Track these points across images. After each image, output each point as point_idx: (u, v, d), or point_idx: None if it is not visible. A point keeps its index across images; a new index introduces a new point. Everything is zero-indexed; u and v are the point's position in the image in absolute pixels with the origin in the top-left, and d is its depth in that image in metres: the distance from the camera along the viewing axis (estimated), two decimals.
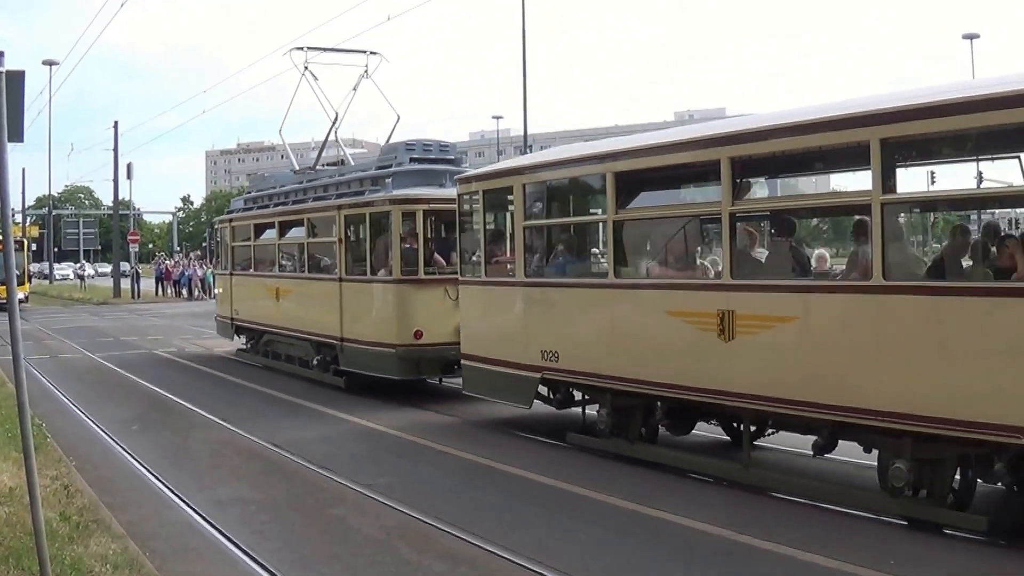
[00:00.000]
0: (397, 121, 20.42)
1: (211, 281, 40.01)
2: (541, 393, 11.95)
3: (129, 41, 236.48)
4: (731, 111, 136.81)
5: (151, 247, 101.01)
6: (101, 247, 67.61)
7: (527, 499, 9.31)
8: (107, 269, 71.97)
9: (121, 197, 53.84)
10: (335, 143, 20.92)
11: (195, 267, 50.88)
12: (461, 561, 7.33)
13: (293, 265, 19.11)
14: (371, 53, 19.60)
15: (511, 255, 12.31)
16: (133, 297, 47.32)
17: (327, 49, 19.94)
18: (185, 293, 49.32)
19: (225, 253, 22.77)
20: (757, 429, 9.87)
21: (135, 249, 51.70)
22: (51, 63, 45.42)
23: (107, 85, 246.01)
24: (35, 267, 61.80)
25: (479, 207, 12.98)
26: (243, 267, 21.66)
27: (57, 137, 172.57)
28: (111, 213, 59.48)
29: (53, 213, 69.63)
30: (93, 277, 63.65)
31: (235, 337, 21.91)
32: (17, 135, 6.35)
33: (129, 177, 51.23)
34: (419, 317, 14.97)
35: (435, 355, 14.84)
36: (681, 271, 10.05)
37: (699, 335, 9.28)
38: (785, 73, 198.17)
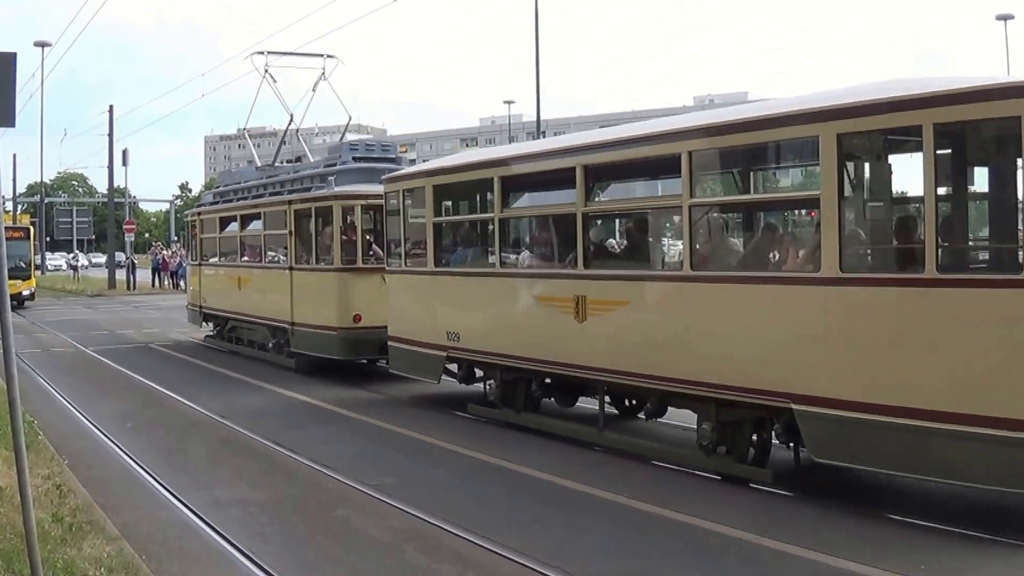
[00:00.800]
0: (348, 122, 22.09)
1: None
2: (451, 370, 13.48)
3: (121, 17, 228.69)
4: (754, 95, 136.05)
5: (147, 236, 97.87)
6: (95, 236, 65.97)
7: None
8: (102, 259, 69.62)
9: (116, 184, 52.26)
10: (298, 140, 22.51)
11: None
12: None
13: (252, 256, 20.64)
14: (328, 56, 21.11)
15: (424, 248, 13.82)
16: (129, 288, 45.86)
17: (286, 53, 21.50)
18: (183, 284, 45.85)
19: (195, 245, 24.34)
20: (638, 403, 11.35)
21: (131, 239, 49.91)
22: (43, 44, 44.46)
23: (101, 67, 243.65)
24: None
25: (400, 205, 14.48)
26: (210, 258, 23.22)
27: (49, 122, 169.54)
28: (106, 201, 58.19)
29: (45, 201, 65.98)
30: (87, 268, 61.80)
31: (203, 324, 23.48)
32: (8, 119, 6.15)
33: (125, 163, 50.19)
34: (358, 303, 16.48)
35: (373, 337, 16.27)
36: (549, 262, 11.57)
37: (561, 317, 10.81)
38: (810, 54, 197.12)
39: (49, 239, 68.93)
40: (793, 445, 8.91)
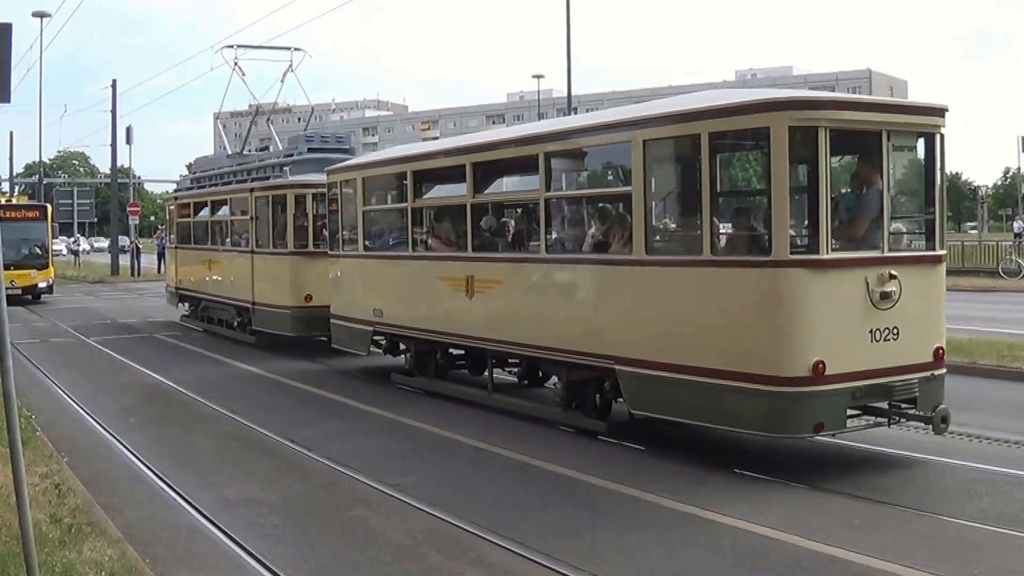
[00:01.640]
0: (311, 113, 23.75)
1: None
2: (380, 343, 15.17)
3: None
4: (799, 70, 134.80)
5: (153, 219, 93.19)
6: (97, 219, 62.51)
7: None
8: (104, 244, 68.32)
9: (120, 164, 50.12)
10: (268, 127, 24.28)
11: None
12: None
13: (220, 240, 22.38)
14: (295, 49, 22.74)
15: (356, 234, 15.49)
16: (133, 275, 43.91)
17: (254, 47, 23.15)
18: None
19: (172, 229, 26.12)
20: (543, 373, 12.96)
21: (135, 222, 48.42)
22: (42, 15, 42.20)
23: (102, 40, 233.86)
24: None
25: (339, 194, 16.14)
26: (184, 241, 25.00)
27: (48, 97, 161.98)
28: (108, 182, 54.77)
29: (44, 182, 60.12)
30: (88, 253, 59.97)
31: (179, 305, 25.28)
32: (3, 95, 5.92)
33: (128, 142, 48.06)
34: (309, 284, 18.17)
35: (322, 315, 17.80)
36: (449, 247, 13.23)
37: (456, 295, 12.49)
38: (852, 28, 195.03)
39: None
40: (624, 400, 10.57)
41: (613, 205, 10.54)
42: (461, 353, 13.71)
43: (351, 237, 15.79)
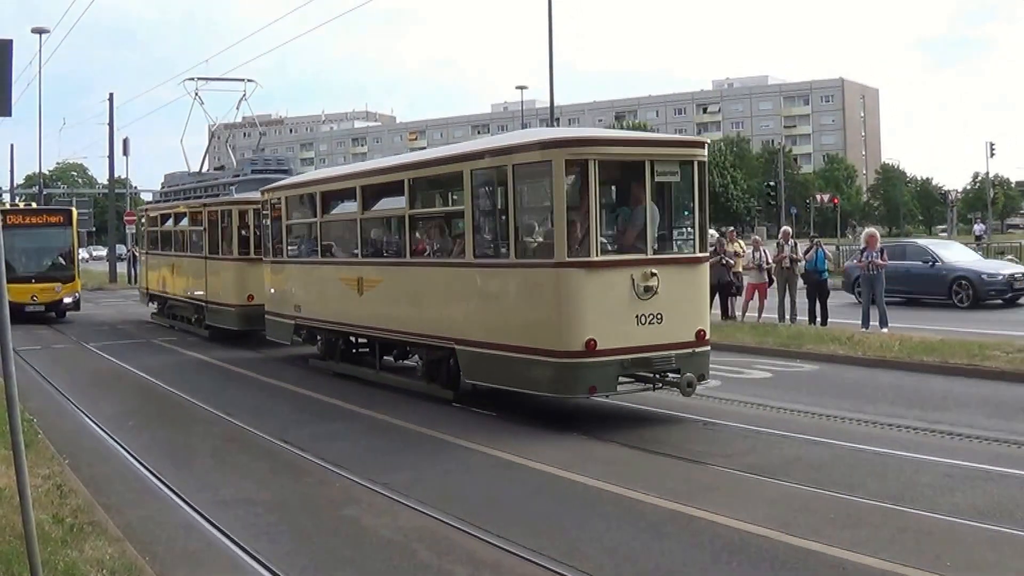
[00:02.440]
0: (261, 137, 26.57)
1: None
2: (301, 334, 17.93)
3: (122, 5, 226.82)
4: (774, 79, 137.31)
5: None
6: (96, 228, 64.67)
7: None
8: (102, 252, 70.35)
9: (117, 174, 51.20)
10: (226, 148, 27.14)
11: None
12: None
13: (181, 247, 25.20)
14: (248, 81, 25.67)
15: (282, 244, 18.27)
16: (130, 282, 43.06)
17: (213, 79, 26.07)
18: None
19: (144, 236, 28.98)
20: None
21: (132, 231, 46.46)
22: (41, 31, 43.18)
23: (101, 55, 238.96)
24: None
25: (269, 211, 18.94)
26: (153, 247, 27.84)
27: (48, 110, 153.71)
28: (106, 192, 56.90)
29: (44, 192, 60.92)
30: (87, 261, 60.04)
31: (149, 304, 28.12)
32: (4, 108, 6.09)
33: (125, 153, 49.71)
34: (250, 285, 20.90)
35: (261, 312, 20.64)
36: (346, 253, 15.99)
37: (351, 292, 15.25)
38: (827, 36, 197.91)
39: None
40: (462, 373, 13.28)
41: (453, 220, 13.32)
42: (364, 341, 16.49)
43: (278, 246, 18.55)
